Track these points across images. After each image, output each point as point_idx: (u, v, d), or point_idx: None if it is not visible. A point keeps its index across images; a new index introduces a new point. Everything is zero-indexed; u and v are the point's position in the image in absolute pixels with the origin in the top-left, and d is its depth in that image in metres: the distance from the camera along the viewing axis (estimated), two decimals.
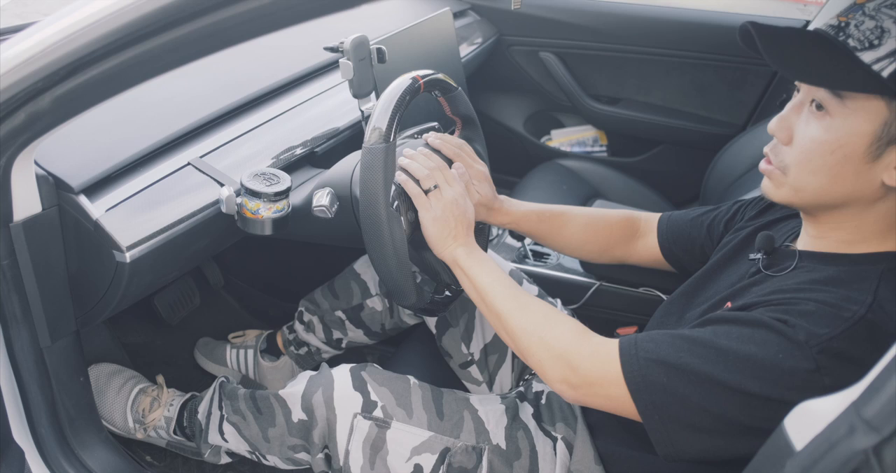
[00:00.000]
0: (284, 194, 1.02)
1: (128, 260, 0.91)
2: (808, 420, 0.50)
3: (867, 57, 0.69)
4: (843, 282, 0.74)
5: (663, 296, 1.32)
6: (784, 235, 0.90)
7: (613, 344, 0.80)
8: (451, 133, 1.15)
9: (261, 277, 1.78)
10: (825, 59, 0.72)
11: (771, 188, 0.81)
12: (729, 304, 0.83)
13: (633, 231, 1.16)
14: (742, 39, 0.78)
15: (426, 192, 0.95)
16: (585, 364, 0.80)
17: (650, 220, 1.15)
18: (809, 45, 0.73)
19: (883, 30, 0.69)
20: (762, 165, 0.82)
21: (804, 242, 0.84)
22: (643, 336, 0.79)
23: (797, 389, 0.68)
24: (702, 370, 0.72)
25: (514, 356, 1.18)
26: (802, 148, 0.75)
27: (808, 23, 1.79)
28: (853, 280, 0.74)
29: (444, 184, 0.95)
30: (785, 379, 0.69)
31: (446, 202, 0.94)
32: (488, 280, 0.91)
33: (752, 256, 0.88)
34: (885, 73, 0.68)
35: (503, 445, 0.99)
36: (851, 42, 0.70)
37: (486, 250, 1.19)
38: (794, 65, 0.74)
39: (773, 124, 0.79)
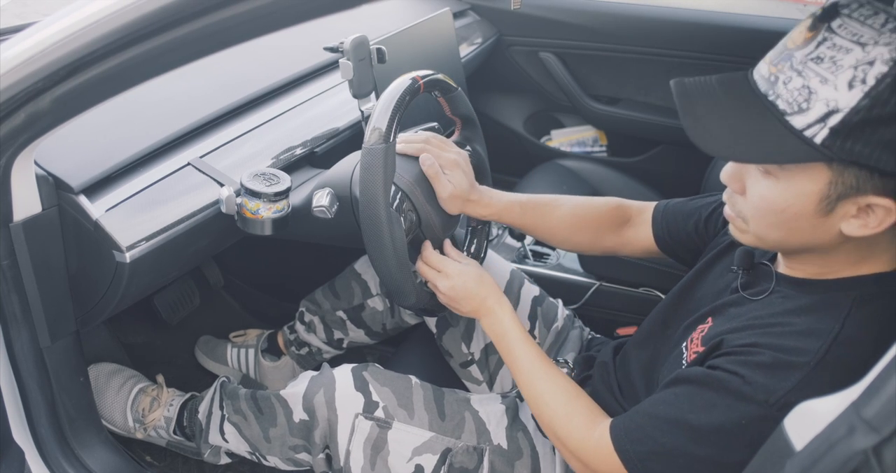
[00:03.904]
0: (284, 194, 1.02)
1: (128, 260, 0.91)
2: (807, 420, 0.50)
3: (798, 122, 0.64)
4: (814, 310, 0.74)
5: (663, 297, 1.32)
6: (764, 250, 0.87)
7: (608, 437, 0.82)
8: (451, 133, 1.15)
9: (261, 277, 1.78)
10: (755, 128, 0.67)
11: (737, 233, 0.80)
12: (710, 321, 0.83)
13: (624, 219, 1.11)
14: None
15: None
16: (593, 463, 0.84)
17: (644, 209, 1.11)
18: (735, 109, 0.68)
19: (810, 91, 0.64)
20: (725, 210, 0.80)
21: (781, 265, 0.82)
22: (631, 423, 0.81)
23: None
24: (686, 451, 0.75)
25: None
26: (754, 205, 0.74)
27: None
28: (825, 307, 0.73)
29: (437, 277, 0.99)
30: (756, 440, 0.67)
31: (448, 297, 0.98)
32: (512, 356, 0.96)
33: (733, 268, 0.87)
34: (817, 140, 0.63)
35: (504, 445, 0.99)
36: (781, 104, 0.66)
37: (484, 253, 1.19)
38: (720, 141, 0.69)
39: (725, 175, 0.76)
